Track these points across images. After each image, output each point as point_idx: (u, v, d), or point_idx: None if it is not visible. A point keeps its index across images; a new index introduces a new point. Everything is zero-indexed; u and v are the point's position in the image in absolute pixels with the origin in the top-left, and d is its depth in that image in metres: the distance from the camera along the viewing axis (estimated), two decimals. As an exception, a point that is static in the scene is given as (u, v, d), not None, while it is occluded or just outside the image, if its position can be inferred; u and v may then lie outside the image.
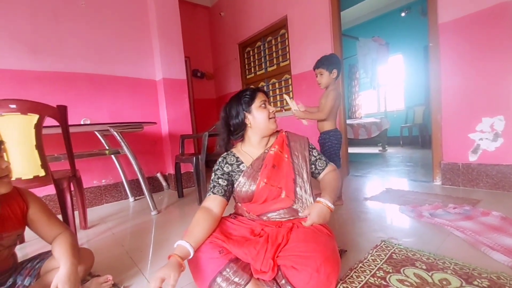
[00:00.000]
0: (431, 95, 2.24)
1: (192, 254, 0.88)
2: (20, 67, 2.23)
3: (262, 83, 3.94)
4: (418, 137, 5.12)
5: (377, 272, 1.02)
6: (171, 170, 2.96)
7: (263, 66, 3.88)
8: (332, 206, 1.01)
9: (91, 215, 2.15)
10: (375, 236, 1.35)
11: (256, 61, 3.98)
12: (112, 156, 2.52)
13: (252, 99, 1.10)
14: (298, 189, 1.07)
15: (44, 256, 1.02)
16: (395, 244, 1.23)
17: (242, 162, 1.12)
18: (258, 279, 0.88)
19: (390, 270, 1.02)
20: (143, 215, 2.15)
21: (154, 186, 2.96)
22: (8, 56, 2.18)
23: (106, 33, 2.66)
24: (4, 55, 2.16)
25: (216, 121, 3.42)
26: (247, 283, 0.85)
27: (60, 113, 1.54)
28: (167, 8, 2.94)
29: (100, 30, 2.63)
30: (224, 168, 1.11)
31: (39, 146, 1.47)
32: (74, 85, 2.49)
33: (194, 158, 2.24)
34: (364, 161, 3.92)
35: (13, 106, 1.38)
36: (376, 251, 1.17)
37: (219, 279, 0.86)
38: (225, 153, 1.17)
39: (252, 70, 4.08)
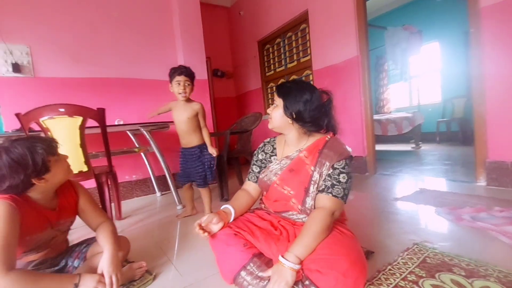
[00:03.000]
0: (473, 85, 2.03)
1: (233, 214, 1.04)
2: (64, 75, 2.49)
3: (282, 80, 3.89)
4: (458, 133, 4.70)
5: (409, 276, 0.96)
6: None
7: (283, 63, 3.83)
8: (296, 267, 0.82)
9: (124, 207, 2.29)
10: (406, 239, 1.27)
11: (276, 58, 3.94)
12: (142, 153, 2.68)
13: None
14: (308, 199, 0.99)
15: (90, 241, 1.16)
16: (430, 248, 1.15)
17: (275, 155, 1.12)
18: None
19: (424, 275, 0.96)
20: (169, 209, 2.25)
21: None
22: (55, 66, 2.44)
23: (135, 40, 2.84)
24: (52, 65, 2.43)
25: (237, 119, 3.49)
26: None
27: (100, 115, 1.71)
28: (189, 13, 3.04)
29: (130, 38, 2.81)
30: (259, 155, 1.15)
31: (83, 145, 1.66)
32: (109, 89, 2.69)
33: (217, 155, 2.28)
34: (394, 159, 3.70)
35: (62, 109, 1.58)
36: (407, 254, 1.11)
37: (243, 273, 0.89)
38: (268, 140, 1.18)
39: (272, 67, 4.06)
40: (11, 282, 0.77)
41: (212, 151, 1.79)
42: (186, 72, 1.73)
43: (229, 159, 2.33)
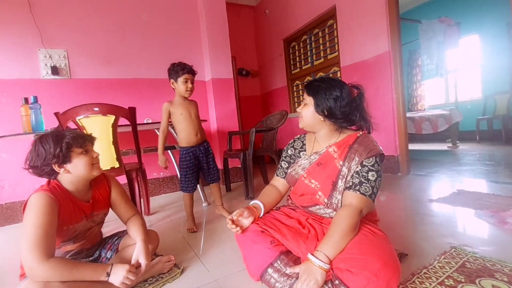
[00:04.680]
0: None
1: (263, 209, 1.05)
2: (97, 76, 2.65)
3: (308, 78, 3.83)
4: (501, 131, 4.31)
5: (446, 280, 0.90)
6: (219, 165, 3.09)
7: (309, 60, 3.76)
8: (326, 267, 0.80)
9: (152, 203, 2.39)
10: (443, 242, 1.19)
11: (302, 56, 3.88)
12: (169, 151, 2.77)
13: None
14: (336, 193, 0.97)
15: (121, 234, 1.22)
16: (469, 252, 1.07)
17: (304, 151, 1.12)
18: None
19: (463, 280, 0.89)
20: (195, 206, 2.25)
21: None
22: (89, 68, 2.62)
23: (163, 41, 2.95)
24: (86, 67, 2.60)
25: (262, 117, 3.50)
26: (298, 276, 0.84)
27: (131, 113, 1.80)
28: (215, 13, 3.10)
29: (158, 39, 2.92)
30: (288, 151, 1.16)
31: (115, 142, 1.75)
32: (138, 89, 2.82)
33: (242, 154, 2.30)
34: (428, 159, 3.48)
35: (96, 109, 1.68)
36: (444, 258, 1.04)
37: (270, 270, 0.89)
38: (298, 136, 1.18)
39: (298, 65, 4.00)
40: (50, 268, 0.82)
41: None
42: (193, 70, 1.72)
43: (254, 157, 2.34)
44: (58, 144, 0.93)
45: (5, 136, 2.00)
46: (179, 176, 1.78)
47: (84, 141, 1.01)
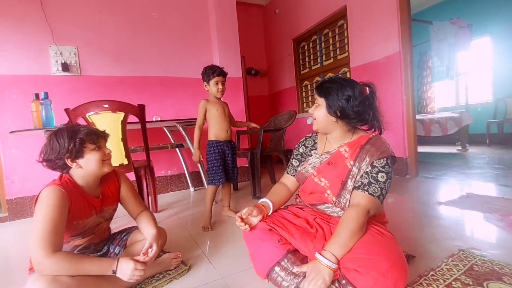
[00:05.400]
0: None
1: (271, 208, 1.05)
2: (107, 73, 2.67)
3: (317, 78, 3.82)
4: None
5: (453, 282, 0.90)
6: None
7: (319, 60, 3.75)
8: (333, 266, 0.80)
9: (159, 201, 2.40)
10: (451, 244, 1.19)
11: (311, 56, 3.87)
12: (177, 149, 2.80)
13: None
14: (345, 192, 0.97)
15: (130, 230, 1.23)
16: (478, 255, 1.06)
17: (316, 149, 1.12)
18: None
19: (470, 283, 0.89)
20: (202, 204, 2.29)
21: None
22: (98, 65, 2.63)
23: (173, 39, 2.96)
24: (96, 65, 2.62)
25: (270, 117, 3.51)
26: (305, 275, 0.84)
27: (140, 111, 1.82)
28: (225, 12, 3.10)
29: (168, 38, 2.93)
30: (299, 149, 1.16)
31: (124, 139, 1.77)
32: (148, 87, 2.84)
33: (250, 153, 2.31)
34: (437, 161, 3.44)
35: (106, 105, 1.69)
36: (452, 261, 1.03)
37: (277, 268, 0.89)
38: (310, 135, 1.18)
39: (307, 65, 3.99)
40: (55, 263, 0.82)
41: None
42: (223, 72, 1.80)
43: (261, 157, 2.35)
44: (72, 139, 0.95)
45: (15, 131, 2.02)
46: (207, 169, 1.81)
47: (98, 137, 1.02)
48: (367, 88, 1.00)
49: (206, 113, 1.80)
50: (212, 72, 1.75)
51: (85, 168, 0.99)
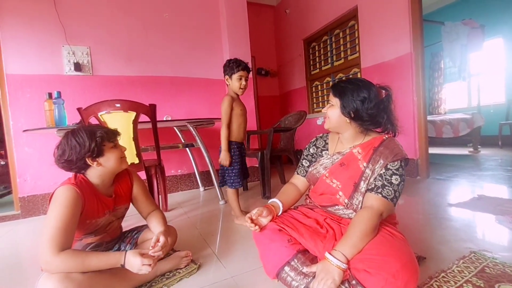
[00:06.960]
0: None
1: (281, 208, 1.05)
2: (119, 73, 2.71)
3: (327, 78, 3.81)
4: (525, 137, 4.15)
5: (465, 284, 0.89)
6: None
7: (329, 61, 3.74)
8: (343, 266, 0.79)
9: (169, 200, 2.43)
10: (462, 246, 1.18)
11: (322, 56, 3.86)
12: (187, 149, 2.83)
13: None
14: (357, 194, 0.97)
15: (140, 229, 1.25)
16: (489, 257, 1.05)
17: (327, 150, 1.12)
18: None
19: (482, 285, 0.89)
20: (212, 203, 2.34)
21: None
22: (111, 65, 2.68)
23: (184, 40, 2.99)
24: (108, 64, 2.66)
25: (280, 117, 3.52)
26: (315, 275, 0.84)
27: (151, 110, 1.82)
28: (236, 13, 3.12)
29: (180, 38, 2.97)
30: (310, 149, 1.16)
31: (135, 138, 1.78)
32: (159, 86, 2.88)
33: (260, 153, 2.33)
34: (449, 163, 3.38)
35: (118, 105, 1.71)
36: (463, 262, 1.03)
37: (287, 268, 0.89)
38: (320, 135, 1.18)
39: (317, 66, 3.98)
40: (61, 262, 0.83)
41: None
42: (248, 67, 1.69)
43: (271, 157, 2.36)
44: (93, 138, 0.97)
45: (28, 130, 2.05)
46: (224, 171, 1.76)
47: (114, 135, 1.05)
48: (383, 91, 0.99)
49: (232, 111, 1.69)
50: (237, 65, 1.65)
51: (106, 165, 1.01)
